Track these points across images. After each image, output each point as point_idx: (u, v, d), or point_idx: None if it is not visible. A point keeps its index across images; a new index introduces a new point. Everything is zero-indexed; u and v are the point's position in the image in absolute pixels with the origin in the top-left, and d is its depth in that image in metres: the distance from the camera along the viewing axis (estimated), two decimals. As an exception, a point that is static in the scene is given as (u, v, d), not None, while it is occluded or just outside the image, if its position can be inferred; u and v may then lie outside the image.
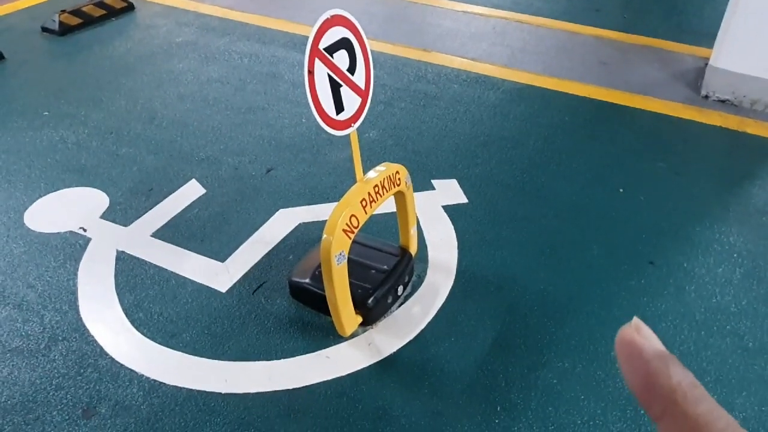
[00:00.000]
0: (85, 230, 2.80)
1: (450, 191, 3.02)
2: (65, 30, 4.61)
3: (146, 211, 2.91)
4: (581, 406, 2.05)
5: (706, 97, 3.81)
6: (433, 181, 3.08)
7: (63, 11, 4.69)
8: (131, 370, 2.18)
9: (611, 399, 2.07)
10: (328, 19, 1.82)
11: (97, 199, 2.99)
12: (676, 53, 4.35)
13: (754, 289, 2.50)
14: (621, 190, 3.04)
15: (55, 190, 3.05)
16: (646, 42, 4.51)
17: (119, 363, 2.21)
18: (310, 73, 1.80)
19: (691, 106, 3.73)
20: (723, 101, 3.77)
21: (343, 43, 1.90)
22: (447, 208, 2.90)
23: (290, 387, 2.12)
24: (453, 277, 2.54)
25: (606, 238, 2.75)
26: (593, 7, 5.13)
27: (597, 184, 3.09)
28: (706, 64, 3.84)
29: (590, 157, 3.29)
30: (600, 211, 2.92)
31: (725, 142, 3.44)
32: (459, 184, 3.07)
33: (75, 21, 4.69)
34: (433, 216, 2.85)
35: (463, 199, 2.97)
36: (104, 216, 2.89)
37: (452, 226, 2.80)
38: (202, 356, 2.23)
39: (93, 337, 2.31)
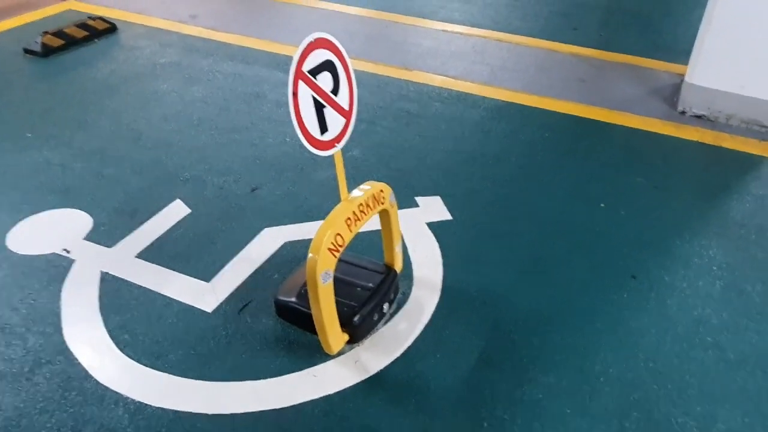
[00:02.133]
0: (68, 252, 2.78)
1: (434, 208, 3.05)
2: (48, 51, 4.61)
3: (131, 232, 2.90)
4: (567, 421, 2.07)
5: (683, 112, 3.89)
6: (416, 198, 3.12)
7: (46, 33, 4.69)
8: (116, 393, 2.16)
9: (597, 413, 2.09)
10: (311, 42, 1.85)
11: (80, 221, 2.98)
12: (652, 70, 4.46)
13: (734, 301, 2.55)
14: (602, 205, 3.09)
15: (38, 212, 3.03)
16: (622, 59, 4.61)
17: (104, 385, 2.19)
18: (294, 95, 1.83)
19: (668, 122, 3.81)
20: (699, 116, 3.86)
21: (327, 65, 1.93)
22: (431, 225, 2.93)
23: (277, 406, 2.11)
24: (438, 293, 2.56)
25: (588, 253, 2.79)
26: (571, 25, 5.24)
27: (578, 199, 3.14)
28: (682, 80, 3.93)
29: (571, 172, 3.35)
30: (582, 225, 2.96)
31: (702, 156, 3.52)
32: (443, 201, 3.10)
33: (58, 42, 4.69)
34: (418, 233, 2.88)
35: (447, 216, 3.00)
36: (88, 237, 2.87)
37: (437, 243, 2.82)
38: (188, 377, 2.22)
39: (77, 359, 2.29)
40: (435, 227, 2.92)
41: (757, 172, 3.36)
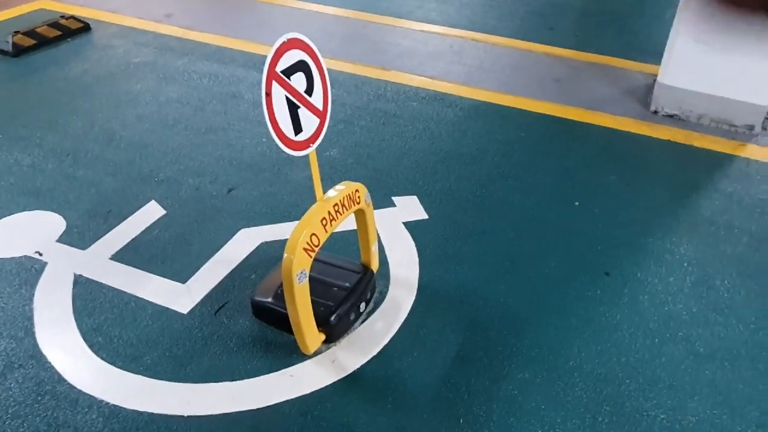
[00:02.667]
0: (41, 254, 2.74)
1: (410, 208, 3.06)
2: (19, 51, 4.53)
3: (105, 234, 2.87)
4: (542, 416, 2.10)
5: (655, 112, 3.96)
6: (393, 198, 3.13)
7: (17, 32, 4.61)
8: (90, 396, 2.14)
9: (570, 407, 2.12)
10: (284, 42, 1.85)
11: (53, 223, 2.94)
12: (626, 70, 4.52)
13: (704, 296, 2.60)
14: (576, 203, 3.14)
15: (9, 214, 2.99)
16: (597, 60, 4.68)
17: (78, 389, 2.16)
18: (268, 95, 1.83)
19: (641, 121, 3.88)
20: (671, 116, 3.93)
21: (300, 66, 1.93)
22: (408, 225, 2.94)
23: (254, 407, 2.11)
24: (415, 292, 2.58)
25: (563, 250, 2.83)
26: (547, 26, 5.29)
27: (553, 197, 3.18)
28: (655, 80, 4.00)
29: (546, 171, 3.39)
30: (557, 223, 3.00)
31: (674, 155, 3.58)
32: (419, 200, 3.12)
33: (29, 42, 4.61)
34: (394, 232, 2.89)
35: (424, 215, 3.02)
36: (61, 239, 2.84)
37: (413, 242, 2.84)
38: (163, 379, 2.20)
39: (50, 363, 2.26)
40: (411, 226, 2.94)
41: (726, 170, 3.43)
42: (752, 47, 3.52)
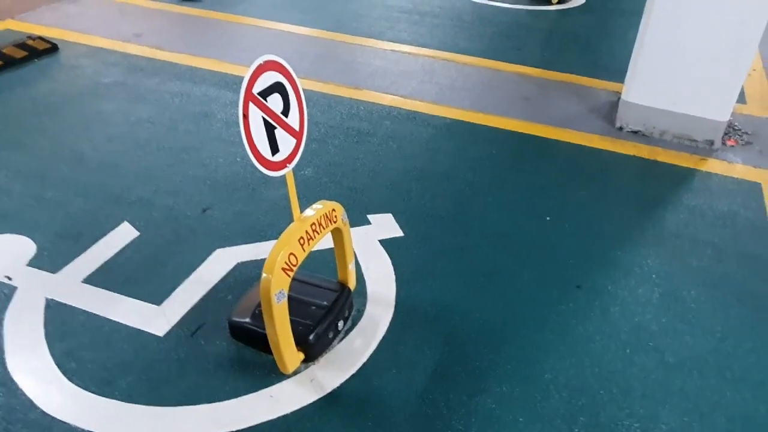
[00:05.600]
0: (10, 279, 2.68)
1: (386, 225, 3.09)
2: (-16, 71, 4.46)
3: (76, 257, 2.82)
4: (520, 429, 2.13)
5: (620, 128, 4.09)
6: (368, 216, 3.15)
7: (-18, 52, 4.54)
8: (63, 423, 2.09)
9: (547, 419, 2.16)
10: (261, 64, 1.87)
11: (22, 246, 2.88)
12: (591, 88, 4.66)
13: (672, 307, 2.68)
14: (548, 218, 3.21)
15: (-24, 238, 2.92)
16: (564, 78, 4.81)
17: (50, 416, 2.12)
18: (245, 116, 1.84)
19: (607, 137, 3.99)
20: (635, 132, 4.05)
21: (276, 87, 1.96)
22: (383, 242, 2.97)
23: (234, 429, 2.09)
24: (392, 309, 2.60)
25: (536, 265, 2.89)
26: (515, 46, 5.42)
27: (525, 213, 3.25)
28: (619, 98, 4.13)
29: (517, 187, 3.46)
30: (529, 238, 3.06)
31: (639, 170, 3.69)
32: (394, 218, 3.15)
33: (-5, 62, 4.54)
34: (370, 250, 2.91)
35: (399, 233, 3.05)
36: (31, 263, 2.78)
37: (389, 260, 2.86)
38: (139, 403, 2.17)
39: (21, 389, 2.21)
40: (387, 244, 2.96)
41: (689, 184, 3.55)
42: (709, 65, 3.67)
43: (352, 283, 2.57)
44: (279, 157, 2.02)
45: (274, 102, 1.96)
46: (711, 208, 3.33)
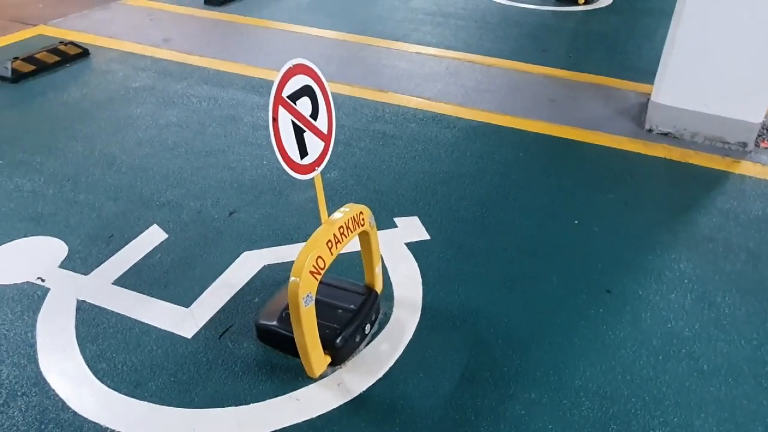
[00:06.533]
0: (43, 280, 2.73)
1: (412, 228, 3.08)
2: (18, 77, 4.56)
3: (107, 259, 2.87)
4: (549, 436, 2.10)
5: (650, 130, 4.02)
6: (395, 219, 3.15)
7: (16, 58, 4.64)
8: (95, 423, 2.12)
9: (578, 427, 2.12)
10: (290, 68, 1.88)
11: (55, 248, 2.93)
12: (619, 90, 4.59)
13: (705, 313, 2.62)
14: (576, 222, 3.16)
15: (10, 240, 2.98)
16: (591, 80, 4.75)
17: (82, 416, 2.15)
18: (275, 120, 1.85)
19: (636, 140, 3.93)
20: (665, 134, 3.98)
21: (306, 91, 1.96)
22: (410, 245, 2.96)
23: (261, 432, 2.10)
24: (419, 313, 2.58)
25: (564, 269, 2.85)
26: (540, 47, 5.37)
27: (552, 216, 3.21)
28: (648, 99, 4.06)
29: (545, 190, 3.42)
30: (557, 242, 3.02)
31: (670, 172, 3.62)
32: (420, 221, 3.14)
33: (28, 68, 4.64)
34: (397, 253, 2.90)
35: (426, 236, 3.03)
36: (63, 265, 2.83)
37: (416, 263, 2.85)
38: (168, 405, 2.19)
39: (54, 390, 2.24)
40: (414, 247, 2.95)
41: (722, 187, 3.47)
42: (742, 65, 3.59)
43: (378, 287, 2.56)
44: (308, 161, 2.03)
45: (303, 105, 1.97)
46: (745, 212, 3.25)
